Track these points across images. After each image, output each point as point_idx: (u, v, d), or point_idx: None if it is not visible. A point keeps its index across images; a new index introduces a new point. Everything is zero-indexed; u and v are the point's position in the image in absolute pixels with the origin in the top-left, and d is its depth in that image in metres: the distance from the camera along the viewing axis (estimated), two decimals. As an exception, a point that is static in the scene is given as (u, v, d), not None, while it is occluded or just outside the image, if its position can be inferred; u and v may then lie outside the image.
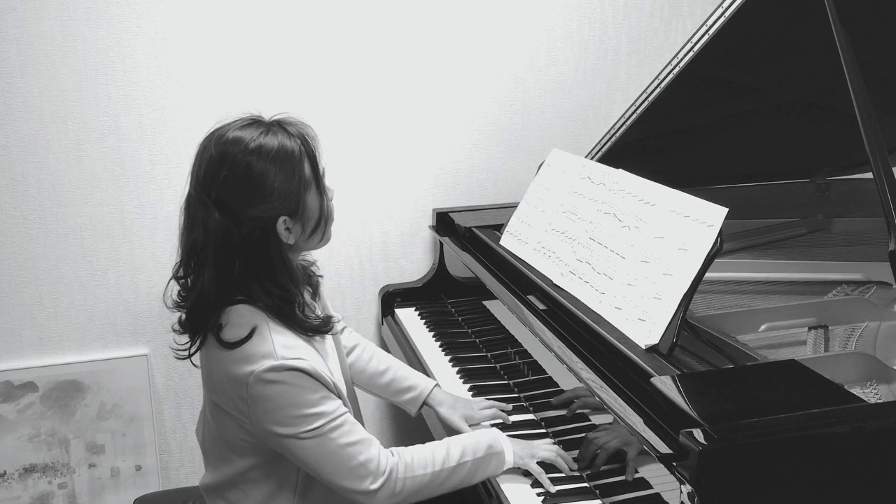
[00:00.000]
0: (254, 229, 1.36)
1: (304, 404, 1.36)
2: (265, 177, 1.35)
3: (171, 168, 2.35)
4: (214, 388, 1.45)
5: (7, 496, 2.36)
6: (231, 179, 1.34)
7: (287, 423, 1.36)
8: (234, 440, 1.46)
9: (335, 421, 1.38)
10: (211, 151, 1.38)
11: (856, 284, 1.94)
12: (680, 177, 1.79)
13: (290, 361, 1.35)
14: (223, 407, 1.44)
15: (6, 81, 2.19)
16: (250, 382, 1.34)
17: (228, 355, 1.37)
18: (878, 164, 1.54)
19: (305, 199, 1.41)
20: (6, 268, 2.29)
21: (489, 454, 1.52)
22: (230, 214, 1.35)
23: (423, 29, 2.47)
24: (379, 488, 1.40)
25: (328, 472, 1.39)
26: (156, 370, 2.46)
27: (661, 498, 1.27)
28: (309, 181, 1.41)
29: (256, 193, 1.35)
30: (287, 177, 1.36)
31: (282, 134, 1.40)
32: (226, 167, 1.35)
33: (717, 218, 1.44)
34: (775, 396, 1.26)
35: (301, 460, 1.40)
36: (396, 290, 2.50)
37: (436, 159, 2.57)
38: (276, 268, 1.39)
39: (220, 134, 1.40)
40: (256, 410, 1.37)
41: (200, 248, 1.37)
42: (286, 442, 1.38)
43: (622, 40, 2.64)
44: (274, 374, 1.34)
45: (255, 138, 1.37)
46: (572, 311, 1.65)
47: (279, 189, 1.36)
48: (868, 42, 1.66)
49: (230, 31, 2.31)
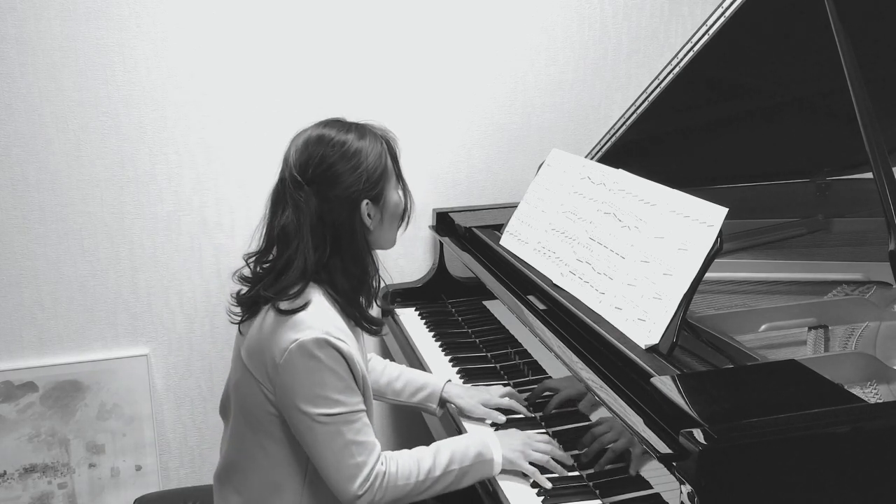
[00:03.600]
0: (341, 209, 1.46)
1: (331, 387, 1.40)
2: (358, 155, 1.47)
3: (171, 168, 2.35)
4: (251, 350, 1.48)
5: (7, 496, 2.36)
6: (327, 158, 1.46)
7: (310, 400, 1.40)
8: (253, 410, 1.49)
9: (352, 415, 1.42)
10: (307, 136, 1.50)
11: (856, 284, 1.94)
12: (680, 177, 1.79)
13: (335, 341, 1.40)
14: (252, 373, 1.47)
15: (6, 81, 2.19)
16: (291, 349, 1.39)
17: (278, 320, 1.42)
18: (878, 164, 1.54)
19: (386, 189, 1.52)
20: (6, 268, 2.29)
21: (477, 462, 1.53)
22: (321, 193, 1.45)
23: (423, 29, 2.47)
24: (361, 494, 1.43)
25: (324, 460, 1.43)
26: (156, 370, 2.46)
27: (661, 498, 1.27)
28: (390, 173, 1.53)
29: (348, 172, 1.46)
30: (374, 162, 1.48)
31: (368, 130, 1.54)
32: (323, 146, 1.47)
33: (717, 218, 1.44)
34: (775, 396, 1.26)
35: (307, 441, 1.44)
36: (396, 290, 2.50)
37: (436, 159, 2.57)
38: (361, 249, 1.48)
39: (313, 127, 1.53)
40: (285, 379, 1.41)
41: (293, 228, 1.44)
42: (301, 419, 1.41)
43: (622, 40, 2.64)
44: (316, 347, 1.39)
45: (348, 128, 1.51)
46: (572, 311, 1.65)
47: (367, 171, 1.47)
48: (868, 42, 1.66)
49: (230, 32, 2.31)
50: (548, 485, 1.51)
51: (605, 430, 1.48)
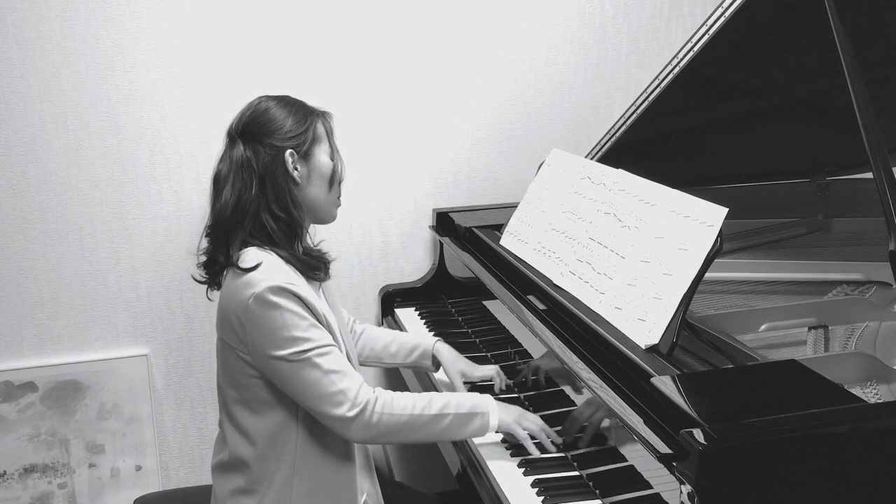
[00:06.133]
0: (266, 155, 1.57)
1: (294, 327, 1.48)
2: (283, 112, 1.60)
3: (171, 168, 2.35)
4: (221, 320, 1.58)
5: (7, 496, 2.36)
6: (253, 116, 1.60)
7: (278, 344, 1.48)
8: (238, 378, 1.56)
9: (323, 349, 1.50)
10: (244, 107, 1.64)
11: (856, 284, 1.94)
12: (680, 177, 1.79)
13: (287, 285, 1.49)
14: (227, 341, 1.56)
15: (6, 81, 2.19)
16: (250, 304, 1.48)
17: (235, 284, 1.52)
18: (878, 164, 1.54)
19: (315, 149, 1.62)
20: (6, 268, 2.29)
21: (472, 413, 1.60)
22: (250, 145, 1.57)
23: (423, 29, 2.47)
24: (354, 416, 1.50)
25: (309, 397, 1.50)
26: (156, 370, 2.46)
27: (661, 498, 1.27)
28: (321, 137, 1.63)
29: (273, 123, 1.58)
30: (298, 121, 1.60)
31: (301, 101, 1.65)
32: (251, 109, 1.62)
33: (717, 218, 1.44)
34: (775, 396, 1.26)
35: (288, 386, 1.51)
36: (396, 290, 2.50)
37: (436, 159, 2.57)
38: (286, 194, 1.57)
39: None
40: (252, 333, 1.49)
41: (225, 173, 1.58)
42: (276, 365, 1.49)
43: (622, 40, 2.64)
44: (271, 293, 1.47)
45: (282, 97, 1.65)
46: (572, 311, 1.65)
47: (291, 128, 1.59)
48: (868, 42, 1.66)
49: (230, 32, 2.31)
50: (536, 453, 1.60)
51: (589, 411, 1.55)
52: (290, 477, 1.57)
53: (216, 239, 1.59)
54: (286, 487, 1.57)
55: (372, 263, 2.58)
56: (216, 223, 1.59)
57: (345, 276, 2.56)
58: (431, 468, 2.52)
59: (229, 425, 1.61)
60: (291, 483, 1.57)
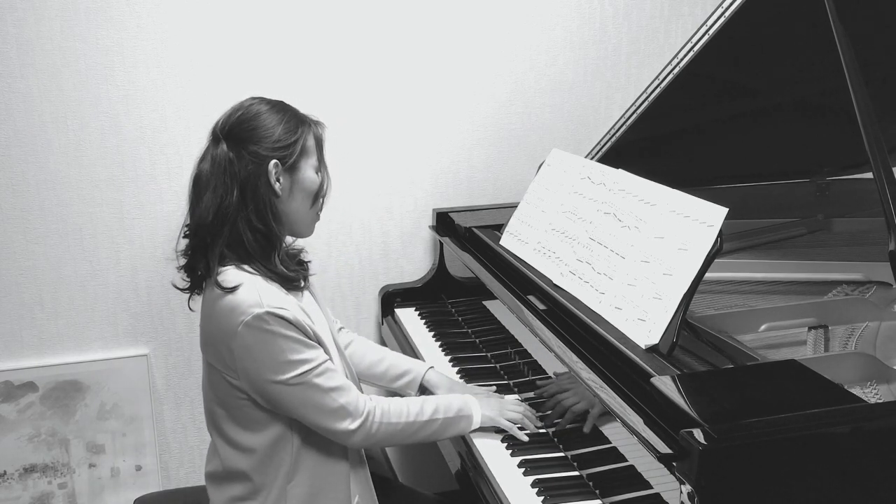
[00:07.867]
0: (249, 163, 1.52)
1: (290, 350, 1.48)
2: (273, 119, 1.55)
3: (171, 168, 2.35)
4: (206, 343, 1.57)
5: (7, 496, 2.36)
6: (242, 119, 1.56)
7: (276, 369, 1.48)
8: (226, 399, 1.55)
9: (318, 368, 1.51)
10: (234, 106, 1.60)
11: (856, 284, 1.94)
12: (680, 177, 1.79)
13: (276, 310, 1.47)
14: (214, 365, 1.55)
15: (6, 81, 2.19)
16: (239, 331, 1.46)
17: (219, 307, 1.49)
18: (878, 164, 1.54)
19: (302, 163, 1.57)
20: (6, 268, 2.29)
21: (459, 416, 1.67)
22: (234, 148, 1.53)
23: (423, 29, 2.47)
24: (357, 429, 1.54)
25: (311, 415, 1.52)
26: (156, 370, 2.46)
27: (661, 498, 1.27)
28: (309, 150, 1.59)
29: (260, 130, 1.54)
30: (288, 131, 1.55)
31: (292, 109, 1.61)
32: (241, 110, 1.57)
33: (717, 218, 1.44)
34: (775, 396, 1.26)
35: (289, 407, 1.51)
36: (396, 290, 2.50)
37: (436, 159, 2.57)
38: (264, 205, 1.53)
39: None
40: (245, 360, 1.48)
41: (206, 175, 1.53)
42: (275, 389, 1.49)
43: (622, 40, 2.64)
44: (261, 322, 1.46)
45: (274, 102, 1.61)
46: (572, 311, 1.65)
47: (279, 138, 1.54)
48: (868, 42, 1.66)
49: (230, 32, 2.31)
50: (524, 438, 1.66)
51: (568, 392, 1.61)
52: (285, 485, 1.57)
53: (196, 245, 1.55)
54: (281, 495, 1.57)
55: (372, 263, 2.58)
56: (197, 228, 1.54)
57: (345, 276, 2.56)
58: (431, 468, 2.53)
59: (220, 440, 1.60)
60: (286, 491, 1.57)
